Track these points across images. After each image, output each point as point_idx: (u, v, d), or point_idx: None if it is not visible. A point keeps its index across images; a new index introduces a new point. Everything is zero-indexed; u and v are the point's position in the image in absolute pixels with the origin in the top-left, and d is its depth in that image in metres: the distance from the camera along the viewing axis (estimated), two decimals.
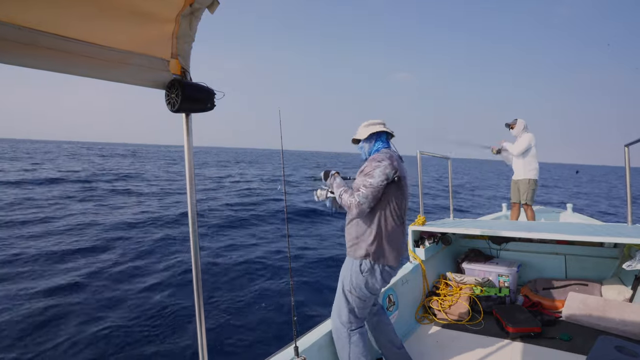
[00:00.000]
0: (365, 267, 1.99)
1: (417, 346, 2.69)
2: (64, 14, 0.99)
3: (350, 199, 1.94)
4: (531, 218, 5.20)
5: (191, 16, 1.19)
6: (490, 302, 3.23)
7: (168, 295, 5.18)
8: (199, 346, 1.41)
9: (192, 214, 1.39)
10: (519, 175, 5.26)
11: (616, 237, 2.79)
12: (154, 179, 20.45)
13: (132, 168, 27.56)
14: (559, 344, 2.62)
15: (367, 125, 2.19)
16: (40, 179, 17.10)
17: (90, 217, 9.96)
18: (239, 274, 6.36)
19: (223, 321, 4.44)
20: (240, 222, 10.37)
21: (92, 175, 20.29)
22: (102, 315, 4.60)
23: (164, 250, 7.42)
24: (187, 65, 1.34)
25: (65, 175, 19.27)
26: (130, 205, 12.10)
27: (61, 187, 15.29)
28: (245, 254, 7.52)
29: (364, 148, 2.20)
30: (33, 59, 1.03)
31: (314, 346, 2.07)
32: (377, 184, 1.92)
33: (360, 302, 2.04)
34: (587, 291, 3.25)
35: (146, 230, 8.83)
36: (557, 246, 3.77)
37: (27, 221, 9.11)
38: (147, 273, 6.17)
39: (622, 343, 1.67)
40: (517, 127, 5.26)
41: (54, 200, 12.27)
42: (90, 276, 5.79)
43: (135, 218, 9.89)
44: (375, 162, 1.98)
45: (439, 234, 3.71)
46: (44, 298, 4.87)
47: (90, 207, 11.57)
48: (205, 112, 1.38)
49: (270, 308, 4.89)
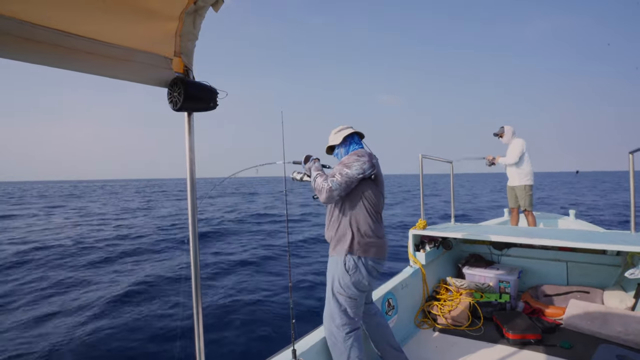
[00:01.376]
0: (349, 265, 2.00)
1: (416, 351, 2.67)
2: (67, 10, 0.99)
3: (323, 183, 1.98)
4: (532, 224, 5.18)
5: (195, 14, 1.19)
6: (490, 308, 3.21)
7: (166, 299, 5.17)
8: (196, 349, 1.39)
9: (193, 215, 1.38)
10: (514, 182, 5.27)
11: (619, 244, 2.77)
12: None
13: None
14: (559, 352, 2.60)
15: (339, 131, 2.27)
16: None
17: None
18: (237, 276, 6.35)
19: (221, 324, 4.43)
20: (240, 227, 10.39)
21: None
22: (102, 315, 4.59)
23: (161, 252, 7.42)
24: (190, 64, 1.34)
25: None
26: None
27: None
28: (241, 256, 7.52)
29: (340, 153, 2.26)
30: (36, 55, 1.02)
31: (312, 349, 2.06)
32: (353, 175, 1.97)
33: (351, 302, 2.03)
34: (588, 299, 3.22)
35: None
36: (559, 253, 3.74)
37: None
38: (146, 273, 6.16)
39: (624, 352, 1.65)
40: (507, 134, 5.27)
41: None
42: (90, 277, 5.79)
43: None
44: (355, 155, 2.04)
45: (439, 238, 3.69)
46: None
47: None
48: (208, 111, 1.37)
49: (268, 311, 4.88)
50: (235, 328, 4.32)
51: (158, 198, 30.55)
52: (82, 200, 29.44)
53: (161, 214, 17.88)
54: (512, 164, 5.18)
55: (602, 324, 2.79)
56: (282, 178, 2.27)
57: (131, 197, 34.21)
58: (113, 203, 25.91)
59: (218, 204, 14.91)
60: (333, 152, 2.32)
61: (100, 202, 26.60)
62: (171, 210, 19.15)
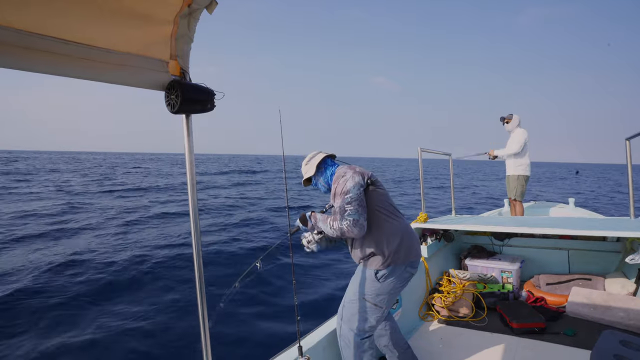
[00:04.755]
0: (381, 275, 1.94)
1: (420, 343, 2.69)
2: (63, 18, 0.99)
3: (342, 223, 1.86)
4: (520, 213, 5.22)
5: (189, 17, 1.19)
6: (493, 298, 3.23)
7: (170, 296, 5.19)
8: (203, 346, 1.40)
9: (194, 214, 1.39)
10: (509, 171, 5.34)
11: (619, 231, 2.79)
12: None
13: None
14: (563, 339, 2.62)
15: (309, 161, 2.18)
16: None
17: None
18: (240, 272, 6.36)
19: (226, 321, 4.45)
20: (241, 221, 10.40)
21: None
22: (101, 316, 4.61)
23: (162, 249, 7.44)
24: (186, 66, 1.34)
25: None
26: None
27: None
28: (246, 251, 7.53)
29: (319, 182, 2.18)
30: (32, 63, 1.03)
31: (318, 345, 2.07)
32: (357, 195, 1.88)
33: (377, 310, 1.97)
34: (590, 286, 3.24)
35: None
36: (559, 241, 3.76)
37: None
38: (147, 273, 6.17)
39: (627, 337, 1.67)
40: (512, 122, 5.30)
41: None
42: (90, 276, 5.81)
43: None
44: (340, 178, 1.96)
45: (441, 231, 3.71)
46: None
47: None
48: (206, 112, 1.38)
49: (273, 308, 4.90)
50: (240, 326, 4.34)
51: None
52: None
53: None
54: (515, 152, 5.20)
55: (604, 310, 2.81)
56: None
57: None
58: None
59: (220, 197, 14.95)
60: (311, 183, 2.22)
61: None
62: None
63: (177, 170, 35.91)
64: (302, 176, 2.23)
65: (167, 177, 26.65)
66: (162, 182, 22.64)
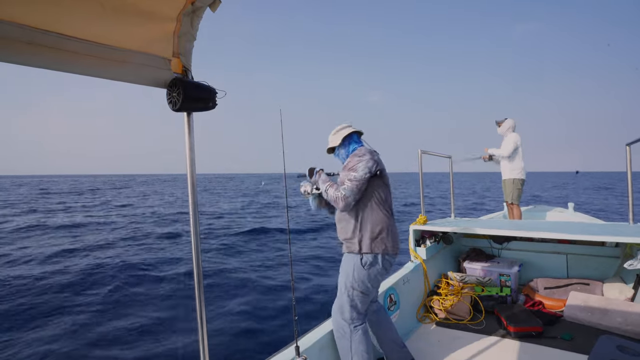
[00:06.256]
0: (367, 261, 2.03)
1: (418, 345, 2.69)
2: (66, 13, 0.99)
3: (336, 193, 2.01)
4: (518, 216, 5.23)
5: (193, 15, 1.19)
6: (491, 302, 3.23)
7: (169, 296, 5.19)
8: (200, 346, 1.40)
9: (194, 214, 1.38)
10: (505, 175, 5.36)
11: (618, 236, 2.79)
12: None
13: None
14: (561, 344, 2.62)
15: (337, 132, 2.28)
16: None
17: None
18: (239, 274, 6.36)
19: (224, 321, 4.45)
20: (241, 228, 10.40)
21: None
22: (103, 316, 4.61)
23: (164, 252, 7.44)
24: (188, 64, 1.34)
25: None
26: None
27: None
28: (244, 254, 7.54)
29: (340, 154, 2.28)
30: (35, 58, 1.03)
31: (315, 346, 2.07)
32: (361, 177, 1.99)
33: (363, 297, 2.07)
34: (588, 290, 3.24)
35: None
36: (558, 245, 3.76)
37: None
38: (149, 272, 6.18)
39: (624, 343, 1.67)
40: (504, 126, 5.34)
41: None
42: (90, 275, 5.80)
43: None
44: (357, 157, 2.06)
45: (440, 233, 3.71)
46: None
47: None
48: (207, 110, 1.38)
49: (271, 308, 4.90)
50: (237, 326, 4.34)
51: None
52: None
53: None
54: (505, 157, 5.24)
55: (602, 315, 2.81)
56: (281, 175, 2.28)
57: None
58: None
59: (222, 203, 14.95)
60: (334, 152, 2.33)
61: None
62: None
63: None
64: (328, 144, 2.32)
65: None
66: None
